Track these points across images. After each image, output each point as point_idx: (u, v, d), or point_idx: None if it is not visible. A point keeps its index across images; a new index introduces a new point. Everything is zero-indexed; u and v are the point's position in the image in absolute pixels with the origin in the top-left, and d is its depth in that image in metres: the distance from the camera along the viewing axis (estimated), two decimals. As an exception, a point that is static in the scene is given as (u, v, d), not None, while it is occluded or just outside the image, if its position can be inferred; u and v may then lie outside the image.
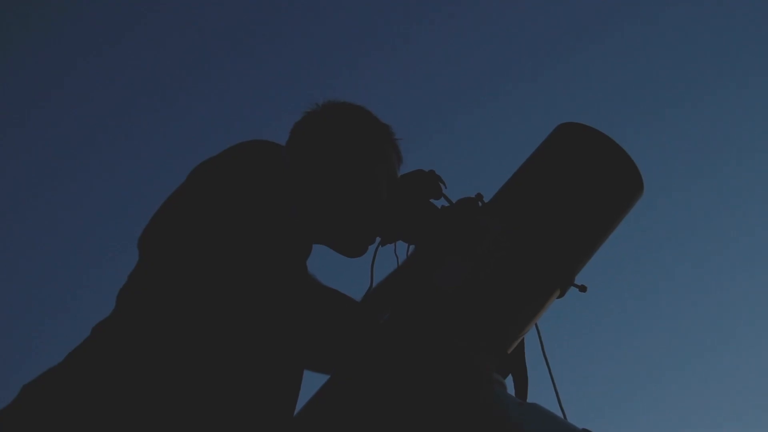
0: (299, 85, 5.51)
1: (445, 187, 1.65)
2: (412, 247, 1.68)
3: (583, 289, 1.56)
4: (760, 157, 5.39)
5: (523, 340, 1.58)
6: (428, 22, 5.60)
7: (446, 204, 1.62)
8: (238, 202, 1.31)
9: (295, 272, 1.32)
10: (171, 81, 5.70)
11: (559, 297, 1.56)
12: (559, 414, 1.49)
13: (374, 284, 1.69)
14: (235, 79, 5.71)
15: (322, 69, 5.63)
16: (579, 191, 1.55)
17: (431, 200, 1.65)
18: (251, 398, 1.32)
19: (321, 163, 1.63)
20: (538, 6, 5.56)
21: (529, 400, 1.52)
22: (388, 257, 1.69)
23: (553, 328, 1.66)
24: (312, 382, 1.50)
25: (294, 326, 1.31)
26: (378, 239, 1.70)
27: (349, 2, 5.64)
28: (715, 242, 5.59)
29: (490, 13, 5.59)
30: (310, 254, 1.48)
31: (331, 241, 1.66)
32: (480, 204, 1.58)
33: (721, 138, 5.47)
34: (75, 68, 5.50)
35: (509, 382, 1.52)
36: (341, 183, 1.62)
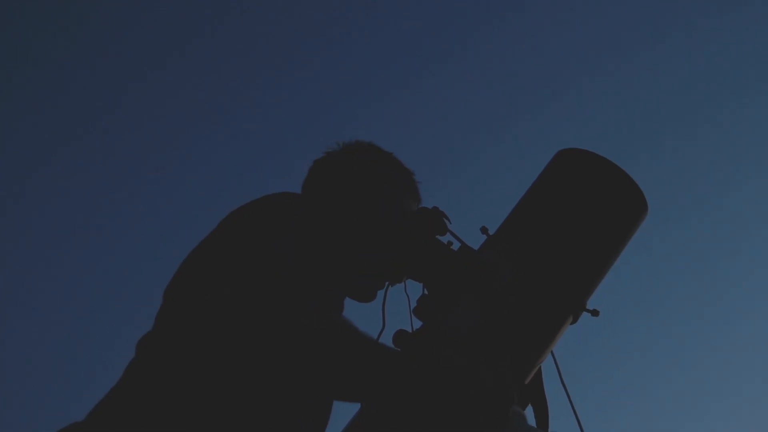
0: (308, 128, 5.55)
1: (450, 223, 1.65)
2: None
3: (595, 313, 1.56)
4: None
5: (540, 368, 1.57)
6: (433, 62, 5.66)
7: (452, 240, 1.62)
8: (269, 249, 1.35)
9: (329, 315, 1.36)
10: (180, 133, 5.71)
11: (572, 323, 1.56)
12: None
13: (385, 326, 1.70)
14: (248, 125, 5.73)
15: (323, 113, 5.66)
16: (583, 217, 1.55)
17: (438, 237, 1.65)
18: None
19: (343, 204, 1.67)
20: (540, 38, 5.61)
21: (551, 430, 1.51)
22: (399, 297, 1.70)
23: (568, 354, 1.66)
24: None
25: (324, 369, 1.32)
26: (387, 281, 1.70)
27: (350, 46, 5.69)
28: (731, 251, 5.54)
29: (491, 48, 5.64)
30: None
31: (351, 282, 1.69)
32: (486, 237, 1.59)
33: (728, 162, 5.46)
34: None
35: (529, 412, 1.52)
36: (362, 223, 1.66)
